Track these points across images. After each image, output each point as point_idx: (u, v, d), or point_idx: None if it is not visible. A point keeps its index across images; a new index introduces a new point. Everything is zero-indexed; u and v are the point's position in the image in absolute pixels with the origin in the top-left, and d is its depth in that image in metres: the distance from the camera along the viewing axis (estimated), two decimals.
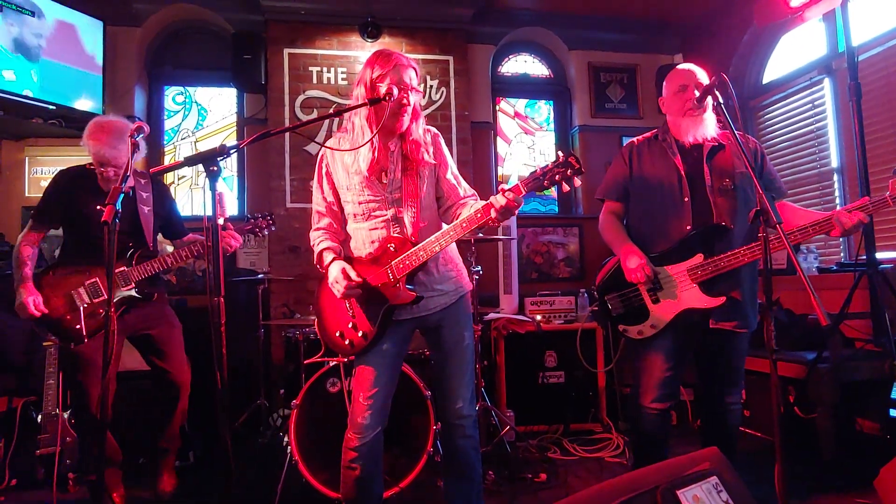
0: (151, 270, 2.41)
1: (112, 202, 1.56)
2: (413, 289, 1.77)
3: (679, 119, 2.10)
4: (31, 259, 2.44)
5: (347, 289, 1.75)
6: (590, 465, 3.01)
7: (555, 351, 3.60)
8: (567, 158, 1.53)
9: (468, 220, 1.67)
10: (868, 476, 2.08)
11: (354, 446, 1.79)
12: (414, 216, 1.82)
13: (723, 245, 1.96)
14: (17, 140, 4.07)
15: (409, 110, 1.78)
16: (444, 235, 1.70)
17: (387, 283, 1.78)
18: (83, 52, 3.90)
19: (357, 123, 1.82)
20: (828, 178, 3.85)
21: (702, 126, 2.05)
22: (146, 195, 2.51)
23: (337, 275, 1.78)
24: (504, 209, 1.59)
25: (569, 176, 1.53)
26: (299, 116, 4.29)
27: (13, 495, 2.69)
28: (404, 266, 1.75)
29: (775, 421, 1.54)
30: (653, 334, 2.05)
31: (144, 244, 2.47)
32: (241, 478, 2.84)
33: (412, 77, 1.80)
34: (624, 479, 1.32)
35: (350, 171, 1.85)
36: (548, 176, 1.54)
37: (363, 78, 1.80)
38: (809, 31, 4.07)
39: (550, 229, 4.85)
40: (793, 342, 3.08)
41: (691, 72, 2.08)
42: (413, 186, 1.83)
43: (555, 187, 1.63)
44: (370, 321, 1.82)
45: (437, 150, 1.91)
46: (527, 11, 4.82)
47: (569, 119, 5.16)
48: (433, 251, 1.71)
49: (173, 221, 2.72)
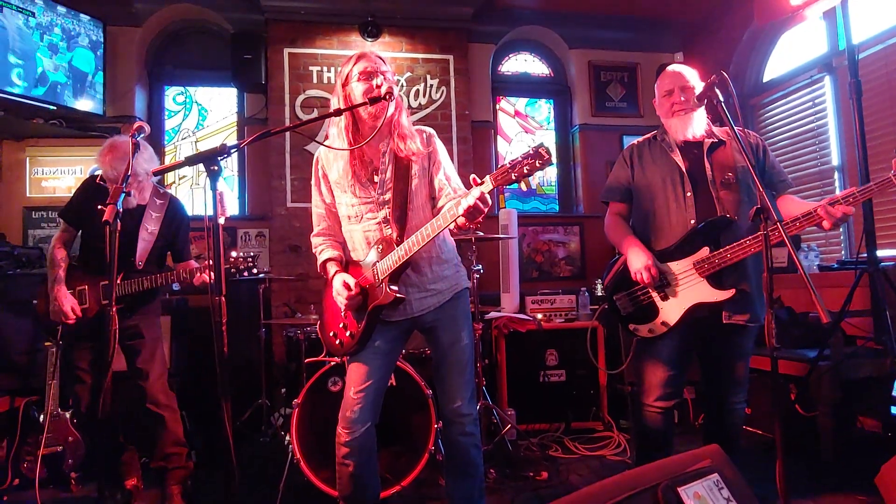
0: (137, 288, 2.43)
1: (113, 201, 1.57)
2: (397, 290, 1.76)
3: (668, 120, 2.14)
4: (64, 261, 2.48)
5: (349, 299, 1.77)
6: (591, 464, 3.01)
7: (556, 349, 3.60)
8: (537, 149, 1.48)
9: (442, 217, 1.64)
10: (869, 474, 2.08)
11: (345, 441, 1.80)
12: (404, 217, 1.82)
13: (728, 237, 1.96)
14: (17, 140, 4.08)
15: (382, 90, 1.71)
16: (423, 234, 1.68)
17: (373, 284, 1.80)
18: (84, 53, 3.90)
19: (333, 133, 1.85)
20: (829, 175, 3.85)
21: (690, 124, 2.07)
22: (156, 215, 2.53)
23: (339, 288, 1.80)
24: (471, 210, 1.54)
25: (538, 167, 1.47)
26: (300, 116, 4.29)
27: (15, 495, 2.70)
28: (387, 266, 1.75)
29: (777, 419, 1.54)
30: (664, 332, 2.04)
31: (132, 265, 2.47)
32: (243, 477, 2.84)
33: (380, 65, 1.80)
34: (625, 476, 1.32)
35: (341, 174, 1.86)
36: (517, 168, 1.48)
37: (335, 90, 1.84)
38: (810, 28, 4.07)
39: (551, 228, 4.86)
40: (794, 340, 3.07)
41: (677, 74, 2.11)
42: (404, 187, 1.83)
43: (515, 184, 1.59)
44: (357, 321, 1.84)
45: (431, 150, 1.90)
46: (527, 10, 4.82)
47: (569, 118, 5.16)
48: (413, 250, 1.70)
49: (178, 245, 2.69)
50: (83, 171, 4.16)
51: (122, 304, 2.40)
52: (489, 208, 1.56)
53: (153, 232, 2.54)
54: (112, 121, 4.13)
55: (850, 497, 2.38)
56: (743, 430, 2.28)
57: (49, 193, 4.13)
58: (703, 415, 3.43)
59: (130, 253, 2.45)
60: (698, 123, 2.07)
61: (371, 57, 1.81)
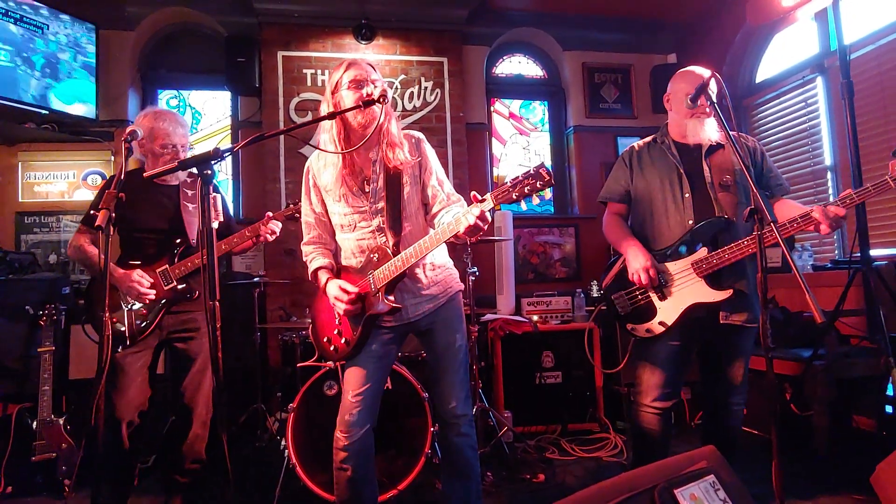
0: (192, 266, 2.31)
1: (106, 207, 1.56)
2: (394, 300, 1.77)
3: (685, 119, 2.11)
4: (97, 252, 2.28)
5: (349, 303, 1.77)
6: (588, 465, 3.01)
7: (552, 351, 3.60)
8: (538, 170, 1.47)
9: (441, 232, 1.65)
10: (864, 472, 2.09)
11: (343, 445, 1.79)
12: (398, 225, 1.83)
13: (726, 238, 1.97)
14: (9, 145, 4.05)
15: (375, 94, 1.72)
16: (420, 247, 1.70)
17: (369, 293, 1.81)
18: (76, 56, 3.89)
19: (325, 140, 1.84)
20: (821, 175, 3.87)
21: (704, 129, 2.06)
22: (191, 193, 2.44)
23: (337, 293, 1.79)
24: (471, 229, 1.55)
25: (539, 188, 1.47)
26: (294, 119, 4.29)
27: (8, 502, 2.68)
28: (384, 276, 1.76)
29: (772, 419, 1.54)
30: (661, 332, 2.05)
31: (186, 241, 2.38)
32: (239, 481, 2.83)
33: (371, 73, 1.80)
34: (622, 478, 1.33)
35: (332, 183, 1.87)
36: (518, 188, 1.48)
37: (325, 96, 1.83)
38: (802, 29, 4.09)
39: (546, 230, 4.86)
40: (788, 340, 3.09)
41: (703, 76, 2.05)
42: (397, 196, 1.83)
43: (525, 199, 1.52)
44: (353, 329, 1.84)
45: (421, 155, 1.90)
46: (521, 12, 4.84)
47: (563, 119, 5.17)
48: (409, 262, 1.71)
49: (222, 221, 2.46)
50: (76, 175, 4.14)
51: (185, 285, 2.31)
52: (488, 224, 1.57)
53: (195, 208, 2.41)
54: (105, 125, 4.11)
55: (846, 496, 2.39)
56: None
57: (41, 198, 4.10)
58: (699, 415, 3.44)
59: (178, 232, 2.36)
60: (711, 130, 2.06)
61: (361, 65, 1.81)
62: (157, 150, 2.34)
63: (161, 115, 2.37)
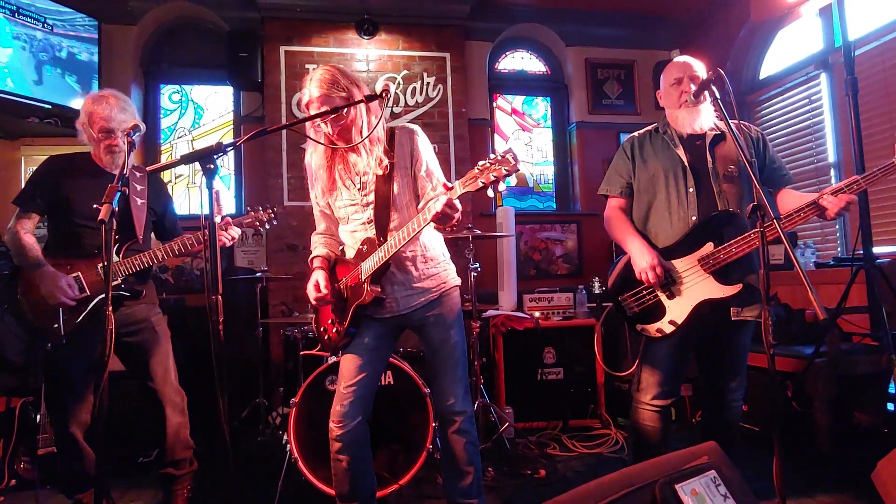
0: (140, 265, 2.18)
1: (109, 201, 1.53)
2: (378, 289, 1.82)
3: (675, 111, 2.10)
4: (35, 245, 2.16)
5: (316, 301, 1.89)
6: (589, 461, 3.01)
7: (553, 347, 3.60)
8: (504, 155, 1.44)
9: (416, 222, 1.67)
10: (865, 470, 2.09)
11: (336, 436, 1.82)
12: (387, 218, 1.85)
13: (732, 232, 1.93)
14: (12, 139, 4.05)
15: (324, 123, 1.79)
16: (399, 237, 1.71)
17: (357, 283, 1.85)
18: (79, 51, 3.88)
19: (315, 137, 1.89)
20: (825, 172, 3.85)
21: (699, 117, 2.04)
22: (140, 188, 2.30)
23: (309, 287, 1.89)
24: (440, 216, 1.55)
25: (505, 174, 1.44)
26: (296, 114, 4.28)
27: (12, 495, 2.69)
28: (369, 267, 1.80)
29: (773, 416, 1.55)
30: (672, 331, 2.00)
31: (134, 237, 2.23)
32: (241, 476, 2.84)
33: (320, 87, 1.79)
34: (622, 473, 1.33)
35: (325, 180, 1.92)
36: (484, 173, 1.46)
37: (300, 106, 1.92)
38: (806, 26, 4.07)
39: (549, 226, 4.86)
40: (790, 337, 3.08)
41: (686, 64, 2.08)
42: (386, 188, 1.85)
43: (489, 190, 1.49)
44: (342, 319, 1.90)
45: (413, 147, 1.90)
46: (524, 7, 4.82)
47: (566, 115, 5.16)
48: (391, 252, 1.74)
49: (168, 220, 2.47)
50: None
51: (125, 287, 2.17)
52: (459, 212, 1.58)
53: (143, 204, 2.28)
54: None
55: (847, 493, 2.39)
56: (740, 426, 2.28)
57: None
58: (700, 412, 3.44)
59: (129, 227, 2.20)
60: (706, 117, 2.05)
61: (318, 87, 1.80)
62: (94, 134, 2.18)
63: (100, 98, 2.19)
